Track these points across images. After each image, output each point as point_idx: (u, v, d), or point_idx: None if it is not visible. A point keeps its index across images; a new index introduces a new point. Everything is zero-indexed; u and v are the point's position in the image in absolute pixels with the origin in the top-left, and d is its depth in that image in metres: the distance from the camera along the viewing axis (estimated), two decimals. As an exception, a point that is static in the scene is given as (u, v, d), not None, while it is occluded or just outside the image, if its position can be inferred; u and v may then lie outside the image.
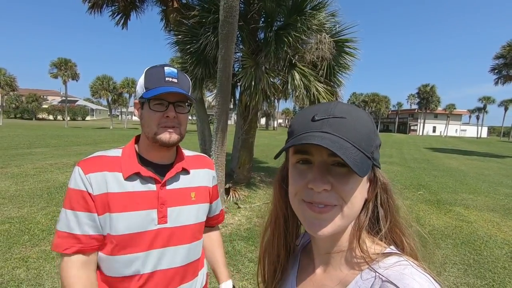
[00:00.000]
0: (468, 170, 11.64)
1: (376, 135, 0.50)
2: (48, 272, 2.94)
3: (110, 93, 37.36)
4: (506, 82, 20.23)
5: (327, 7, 5.89)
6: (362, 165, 0.44)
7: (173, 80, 0.93)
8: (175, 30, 6.44)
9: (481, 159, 16.45)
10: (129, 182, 0.91)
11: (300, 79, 5.88)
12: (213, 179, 1.14)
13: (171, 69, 0.95)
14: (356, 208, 0.49)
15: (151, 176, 0.94)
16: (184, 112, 0.97)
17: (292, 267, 0.64)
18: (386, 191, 0.53)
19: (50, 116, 49.31)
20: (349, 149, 0.44)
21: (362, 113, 0.50)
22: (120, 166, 0.92)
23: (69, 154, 11.23)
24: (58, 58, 33.65)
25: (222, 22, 4.31)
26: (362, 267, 0.49)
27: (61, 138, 18.23)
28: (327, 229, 0.48)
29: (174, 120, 0.94)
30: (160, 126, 0.92)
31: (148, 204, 0.92)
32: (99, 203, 0.88)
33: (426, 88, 54.11)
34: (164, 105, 0.92)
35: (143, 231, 0.90)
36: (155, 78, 0.92)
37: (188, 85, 0.99)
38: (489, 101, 59.31)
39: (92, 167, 0.90)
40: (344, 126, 0.46)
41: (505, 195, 7.40)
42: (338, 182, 0.47)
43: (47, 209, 4.77)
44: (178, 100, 0.94)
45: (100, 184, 0.88)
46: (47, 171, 7.65)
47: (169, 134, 0.93)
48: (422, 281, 0.42)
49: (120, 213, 0.88)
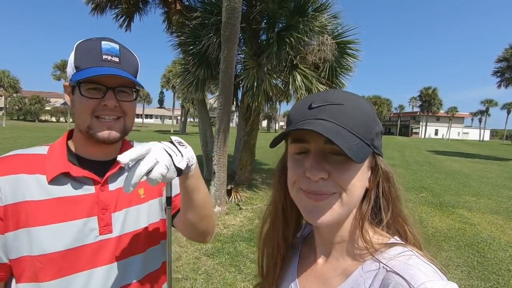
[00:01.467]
0: (470, 173, 11.58)
1: (376, 123, 0.49)
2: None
3: (113, 95, 37.62)
4: (509, 85, 20.17)
5: (329, 9, 5.93)
6: (358, 151, 0.43)
7: (113, 59, 0.72)
8: (178, 32, 6.49)
9: (483, 162, 16.37)
10: (56, 186, 0.71)
11: (302, 80, 5.89)
12: None
13: (110, 44, 0.73)
14: (356, 196, 0.48)
15: (85, 176, 0.73)
16: (129, 99, 0.76)
17: (293, 258, 0.63)
18: (388, 180, 0.51)
19: (53, 118, 49.59)
20: (344, 136, 0.43)
21: (361, 100, 0.49)
22: (44, 167, 0.72)
23: (71, 155, 11.28)
24: (61, 60, 34.03)
25: (225, 23, 4.34)
26: (365, 258, 0.49)
27: (63, 139, 18.31)
28: (325, 217, 0.47)
29: (115, 110, 0.73)
30: (94, 117, 0.72)
31: (84, 211, 0.72)
32: (10, 216, 0.67)
33: (428, 90, 54.03)
34: (101, 91, 0.71)
35: (80, 246, 0.70)
36: (88, 55, 0.71)
37: (134, 64, 0.77)
38: (492, 104, 59.14)
39: (5, 168, 0.69)
40: (341, 112, 0.46)
41: (508, 197, 7.34)
42: (336, 170, 0.46)
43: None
44: (121, 85, 0.73)
45: (13, 190, 0.68)
46: (50, 172, 7.68)
47: (108, 130, 0.72)
48: (427, 271, 0.41)
49: (45, 226, 0.68)
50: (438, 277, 0.41)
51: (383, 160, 0.52)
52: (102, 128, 0.72)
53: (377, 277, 0.45)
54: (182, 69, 6.94)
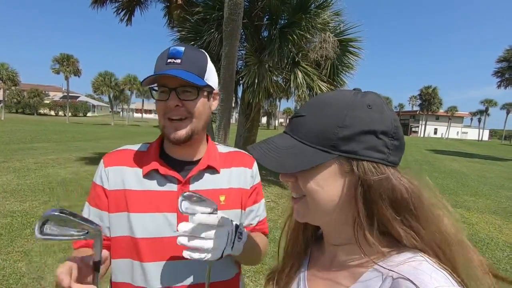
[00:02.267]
0: (469, 173, 11.61)
1: (344, 127, 0.46)
2: (50, 266, 2.94)
3: (112, 90, 37.44)
4: (509, 85, 20.17)
5: (331, 6, 5.89)
6: (295, 161, 0.47)
7: (176, 61, 0.76)
8: (179, 27, 6.44)
9: (482, 162, 16.42)
10: (148, 180, 0.81)
11: (303, 77, 5.87)
12: (251, 179, 0.93)
13: (176, 48, 0.78)
14: (321, 200, 0.49)
15: (171, 174, 0.81)
16: (192, 98, 0.78)
17: (303, 258, 0.64)
18: (366, 187, 0.46)
19: (52, 112, 49.35)
20: (285, 152, 0.49)
21: (330, 107, 0.48)
22: (142, 162, 0.83)
23: (71, 149, 11.25)
24: (60, 53, 33.73)
25: (227, 19, 4.30)
26: (374, 262, 0.47)
27: (62, 133, 18.27)
28: (299, 217, 0.53)
29: (179, 110, 0.77)
30: (166, 118, 0.78)
31: (166, 206, 0.79)
32: (113, 200, 0.80)
33: (428, 90, 54.00)
34: (167, 93, 0.76)
35: (159, 237, 0.78)
36: (159, 62, 0.78)
37: (199, 64, 0.80)
38: (491, 104, 59.19)
39: (113, 160, 0.84)
40: (298, 124, 0.50)
41: (507, 197, 7.37)
42: (299, 175, 0.50)
43: (49, 204, 4.77)
44: (182, 84, 0.76)
45: (117, 179, 0.81)
46: (49, 166, 7.66)
47: (174, 130, 0.78)
48: (438, 277, 0.40)
49: (137, 214, 0.78)
50: (449, 283, 0.40)
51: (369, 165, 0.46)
52: (170, 129, 0.78)
53: (386, 281, 0.44)
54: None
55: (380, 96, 0.50)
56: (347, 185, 0.48)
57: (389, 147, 0.47)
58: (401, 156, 0.50)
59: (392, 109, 0.50)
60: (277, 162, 0.49)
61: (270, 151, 0.50)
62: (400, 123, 0.51)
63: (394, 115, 0.49)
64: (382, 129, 0.47)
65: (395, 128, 0.48)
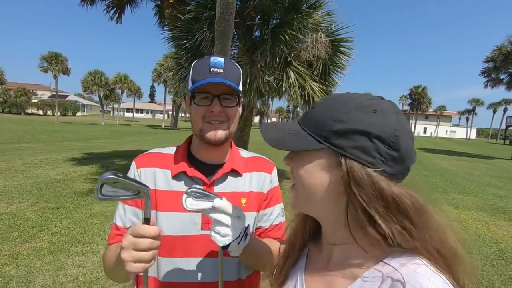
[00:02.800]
0: (457, 171, 11.87)
1: (339, 122, 0.47)
2: (38, 269, 2.88)
3: (102, 89, 36.80)
4: (496, 85, 20.64)
5: (323, 6, 5.92)
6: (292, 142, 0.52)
7: (219, 71, 0.83)
8: (170, 25, 6.38)
9: (470, 160, 16.80)
10: (176, 181, 0.87)
11: (295, 77, 5.89)
12: (269, 183, 0.98)
13: (217, 58, 0.86)
14: (307, 188, 0.52)
15: (197, 176, 0.88)
16: (231, 105, 0.87)
17: (302, 256, 0.64)
18: (354, 184, 0.46)
19: (40, 111, 48.21)
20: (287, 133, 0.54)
21: (337, 102, 0.51)
22: (171, 164, 0.90)
23: (60, 149, 11.05)
24: (48, 52, 32.96)
25: (219, 18, 4.28)
26: (371, 263, 0.47)
27: (51, 133, 17.90)
28: (292, 206, 0.57)
29: (220, 115, 0.85)
30: (205, 122, 0.85)
31: None
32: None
33: (418, 89, 54.80)
34: (209, 99, 0.84)
35: (186, 235, 0.85)
36: (201, 70, 0.85)
37: (237, 75, 0.88)
38: (479, 103, 60.60)
39: (145, 162, 0.91)
40: (307, 114, 0.55)
41: (493, 195, 7.57)
42: (294, 161, 0.54)
43: (37, 205, 4.68)
44: (225, 92, 0.85)
45: (149, 179, 0.87)
46: (37, 167, 7.51)
47: (214, 131, 0.85)
48: (436, 281, 0.41)
49: (165, 213, 0.85)
50: (447, 287, 0.41)
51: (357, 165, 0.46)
52: (210, 130, 0.85)
53: (383, 284, 0.44)
54: (174, 63, 6.84)
55: (396, 107, 0.49)
56: (333, 179, 0.49)
57: (382, 154, 0.46)
58: (401, 169, 0.48)
59: (405, 121, 0.49)
60: (275, 138, 0.54)
61: (274, 129, 0.57)
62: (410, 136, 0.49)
63: (400, 126, 0.47)
64: (377, 133, 0.46)
65: (394, 137, 0.46)
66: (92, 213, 4.49)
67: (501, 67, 19.32)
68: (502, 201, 6.96)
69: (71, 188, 5.76)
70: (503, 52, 18.76)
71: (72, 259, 3.11)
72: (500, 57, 18.98)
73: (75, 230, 3.84)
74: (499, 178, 10.67)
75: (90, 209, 4.66)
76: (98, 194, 0.63)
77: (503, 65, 19.06)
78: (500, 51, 18.97)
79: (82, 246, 3.43)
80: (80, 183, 6.22)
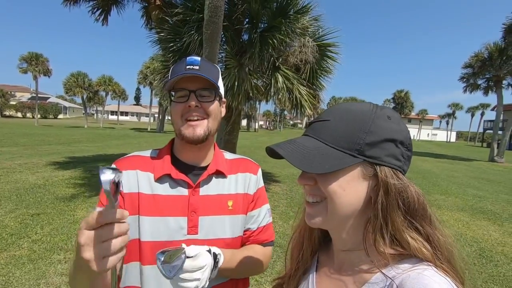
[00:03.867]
0: (439, 172, 12.26)
1: (369, 133, 0.49)
2: (18, 279, 2.76)
3: (85, 91, 35.83)
4: (474, 90, 21.51)
5: (310, 11, 6.01)
6: (324, 162, 0.48)
7: (194, 67, 0.82)
8: (157, 28, 6.30)
9: (451, 162, 17.39)
10: (160, 185, 0.84)
11: (283, 81, 5.93)
12: (255, 184, 0.96)
13: (193, 57, 0.84)
14: (341, 204, 0.49)
15: (182, 179, 0.84)
16: (209, 100, 0.84)
17: (312, 264, 0.65)
18: (386, 192, 0.48)
19: (19, 114, 46.38)
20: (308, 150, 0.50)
21: (354, 113, 0.51)
22: (153, 167, 0.86)
23: (40, 153, 10.65)
24: (28, 52, 31.74)
25: (207, 21, 4.27)
26: (380, 267, 0.48)
27: (30, 136, 17.24)
28: (315, 221, 0.53)
29: (198, 111, 0.83)
30: (183, 119, 0.83)
31: (178, 210, 0.82)
32: (129, 202, 0.82)
33: (401, 93, 56.37)
34: (186, 95, 0.82)
35: (171, 240, 0.80)
36: (177, 69, 0.84)
37: (213, 73, 0.86)
38: (458, 107, 62.98)
39: (126, 165, 0.86)
40: (323, 127, 0.52)
41: (473, 195, 7.85)
42: (319, 177, 0.51)
43: (16, 212, 4.48)
44: (201, 87, 0.83)
45: (131, 182, 0.83)
46: (16, 172, 7.20)
47: (192, 128, 0.82)
48: (441, 282, 0.41)
49: (149, 217, 0.81)
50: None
51: (390, 171, 0.49)
52: (188, 129, 0.82)
53: (391, 286, 0.45)
54: (161, 66, 6.76)
55: (396, 111, 0.55)
56: (368, 190, 0.50)
57: (404, 157, 0.51)
58: (408, 166, 0.54)
59: (404, 123, 0.54)
60: (305, 161, 0.49)
61: (296, 151, 0.51)
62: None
63: (407, 128, 0.53)
64: (400, 139, 0.50)
65: (409, 139, 0.52)
66: (76, 219, 4.34)
67: (478, 73, 20.16)
68: (481, 201, 7.23)
69: (53, 194, 5.56)
70: (480, 58, 19.60)
71: (54, 267, 3.00)
72: (478, 64, 19.80)
73: (57, 237, 3.70)
74: (478, 179, 11.09)
75: (73, 215, 4.51)
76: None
77: (481, 71, 19.89)
78: (477, 58, 19.80)
79: (65, 253, 3.31)
80: (62, 188, 6.01)
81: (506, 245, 4.41)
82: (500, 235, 4.87)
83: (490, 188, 9.27)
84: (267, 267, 0.97)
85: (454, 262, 0.48)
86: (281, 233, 4.27)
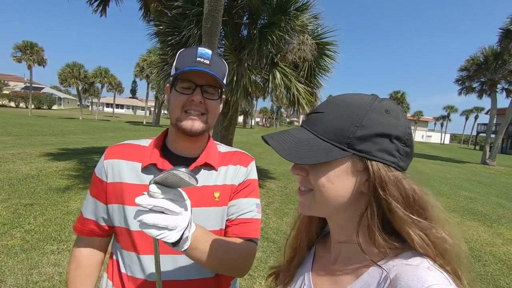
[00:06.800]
0: (432, 174, 12.41)
1: (361, 127, 0.48)
2: (10, 268, 2.74)
3: (81, 82, 35.37)
4: (468, 93, 21.76)
5: (310, 9, 5.99)
6: (310, 153, 0.48)
7: (205, 61, 0.81)
8: (156, 21, 6.24)
9: (444, 164, 17.62)
10: (146, 174, 0.83)
11: (281, 78, 5.94)
12: (243, 175, 0.92)
13: (205, 50, 0.83)
14: (329, 196, 0.50)
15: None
16: (213, 98, 0.85)
17: (308, 255, 0.66)
18: (378, 186, 0.47)
19: (12, 103, 45.64)
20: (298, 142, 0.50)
21: (348, 107, 0.50)
22: (142, 156, 0.86)
23: (33, 144, 10.53)
24: (23, 41, 31.20)
25: (207, 15, 4.24)
26: (376, 260, 0.49)
27: (24, 126, 17.02)
28: (304, 210, 0.55)
29: (200, 106, 0.83)
30: (183, 111, 0.83)
31: None
32: (111, 192, 0.84)
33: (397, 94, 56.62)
34: (191, 88, 0.82)
35: None
36: (186, 58, 0.82)
37: (223, 70, 0.86)
38: (453, 110, 63.61)
39: (113, 153, 0.87)
40: (317, 120, 0.52)
41: (464, 197, 7.98)
42: (310, 169, 0.52)
43: (9, 202, 4.44)
44: (208, 83, 0.83)
45: (115, 171, 0.84)
46: (9, 161, 7.12)
47: (191, 121, 0.82)
48: (436, 276, 0.42)
49: (132, 207, 0.80)
50: (447, 282, 0.42)
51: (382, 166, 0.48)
52: (188, 121, 0.82)
53: (386, 279, 0.45)
54: (159, 59, 6.70)
55: (397, 104, 0.52)
56: (357, 183, 0.49)
57: (401, 152, 0.50)
58: (409, 163, 0.52)
59: (406, 117, 0.51)
60: (293, 152, 0.49)
61: (286, 141, 0.51)
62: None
63: (408, 123, 0.51)
64: (396, 134, 0.49)
65: (408, 135, 0.50)
66: (69, 210, 4.32)
67: (473, 76, 20.39)
68: (472, 203, 7.36)
69: (46, 184, 5.51)
70: (476, 62, 19.81)
71: (47, 258, 2.99)
72: (473, 67, 20.03)
73: (50, 228, 3.69)
74: (470, 181, 11.27)
75: (67, 206, 4.48)
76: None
77: (476, 74, 20.13)
78: (473, 61, 20.02)
79: (58, 244, 3.30)
80: (56, 179, 5.96)
81: (495, 246, 4.50)
82: (489, 235, 4.97)
83: (481, 190, 9.43)
84: (250, 266, 0.88)
85: (450, 257, 0.47)
86: (275, 229, 4.31)
